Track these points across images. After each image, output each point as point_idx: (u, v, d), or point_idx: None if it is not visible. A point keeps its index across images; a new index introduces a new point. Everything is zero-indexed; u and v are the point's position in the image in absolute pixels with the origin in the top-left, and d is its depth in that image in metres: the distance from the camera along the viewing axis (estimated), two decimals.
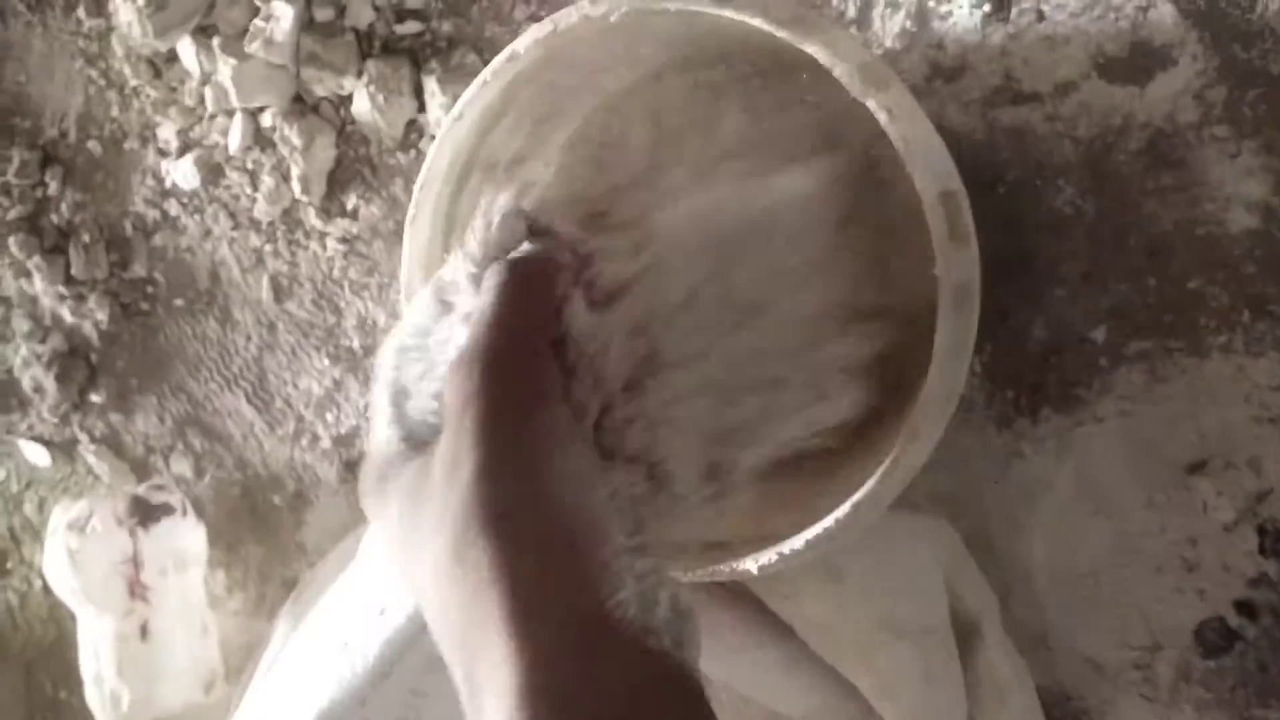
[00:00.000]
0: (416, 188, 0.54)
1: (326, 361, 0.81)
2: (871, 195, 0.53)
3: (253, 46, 0.74)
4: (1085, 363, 0.60)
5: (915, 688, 0.50)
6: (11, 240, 0.85)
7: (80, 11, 0.83)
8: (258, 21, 0.73)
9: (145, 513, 0.78)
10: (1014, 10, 0.59)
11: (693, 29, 0.48)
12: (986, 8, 0.60)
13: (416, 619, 0.52)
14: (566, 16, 0.47)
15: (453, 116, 0.52)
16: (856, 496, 0.44)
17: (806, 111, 0.54)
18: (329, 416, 0.82)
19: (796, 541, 0.44)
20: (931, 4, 0.61)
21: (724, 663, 0.51)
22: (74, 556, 0.76)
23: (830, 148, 0.52)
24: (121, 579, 0.76)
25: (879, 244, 0.53)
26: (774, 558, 0.45)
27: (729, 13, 0.44)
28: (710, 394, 0.43)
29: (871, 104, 0.43)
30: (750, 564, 0.45)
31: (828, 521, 0.44)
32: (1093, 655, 0.62)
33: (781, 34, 0.43)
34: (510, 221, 0.42)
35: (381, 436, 0.43)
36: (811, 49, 0.43)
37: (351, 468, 0.81)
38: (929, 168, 0.43)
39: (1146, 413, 0.59)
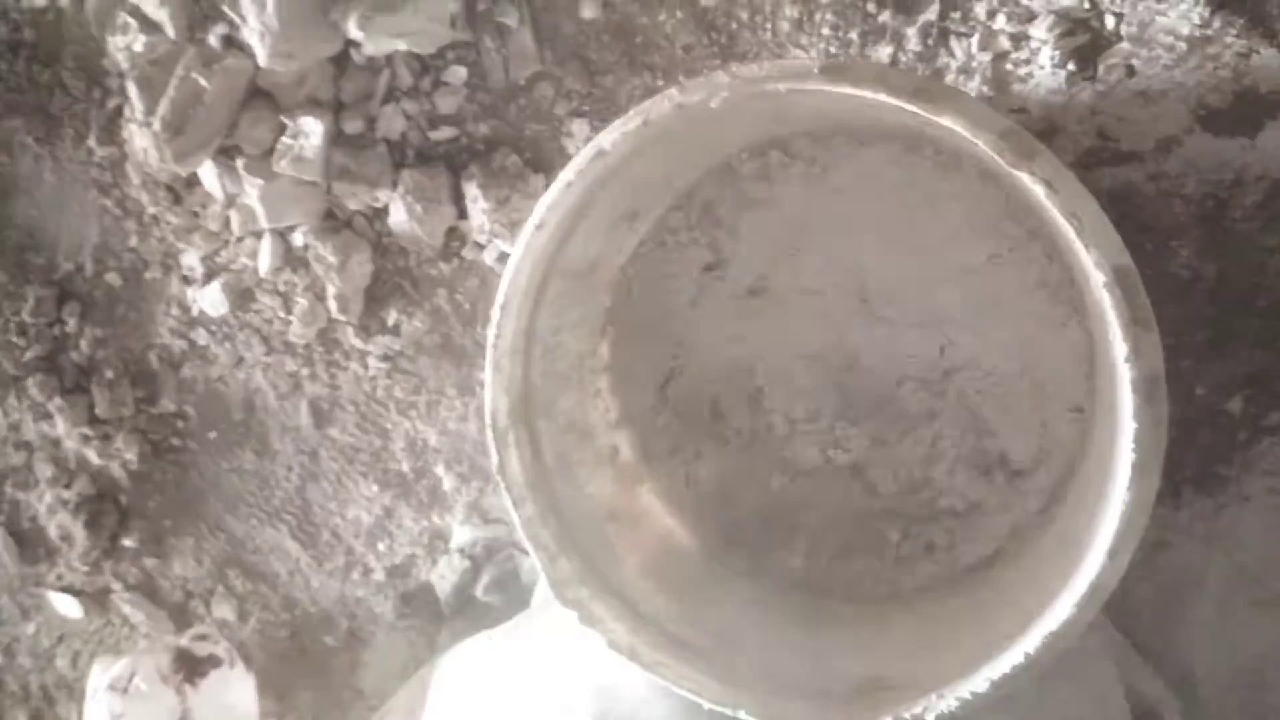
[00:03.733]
0: (497, 307, 0.49)
1: (375, 488, 0.76)
2: None
3: (281, 165, 0.70)
4: (1223, 438, 0.55)
5: None
6: (30, 382, 0.81)
7: (91, 141, 0.80)
8: (285, 139, 0.70)
9: (191, 667, 0.73)
10: (1100, 67, 0.56)
11: (790, 108, 0.43)
12: (1071, 66, 0.56)
13: None
14: (658, 106, 0.43)
15: (533, 224, 0.48)
16: (1049, 626, 0.38)
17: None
18: (381, 546, 0.76)
19: (979, 683, 0.39)
20: (1009, 67, 0.58)
21: None
22: None
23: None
24: None
25: None
26: (954, 703, 0.39)
27: (848, 89, 0.39)
28: None
29: (1026, 178, 0.39)
30: (929, 714, 0.39)
31: (1015, 656, 0.39)
32: None
33: (911, 107, 0.39)
34: None
35: None
36: (948, 121, 0.39)
37: (408, 600, 0.76)
38: (1099, 244, 0.39)
39: None
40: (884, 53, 0.60)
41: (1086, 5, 0.56)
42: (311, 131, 0.69)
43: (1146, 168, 0.55)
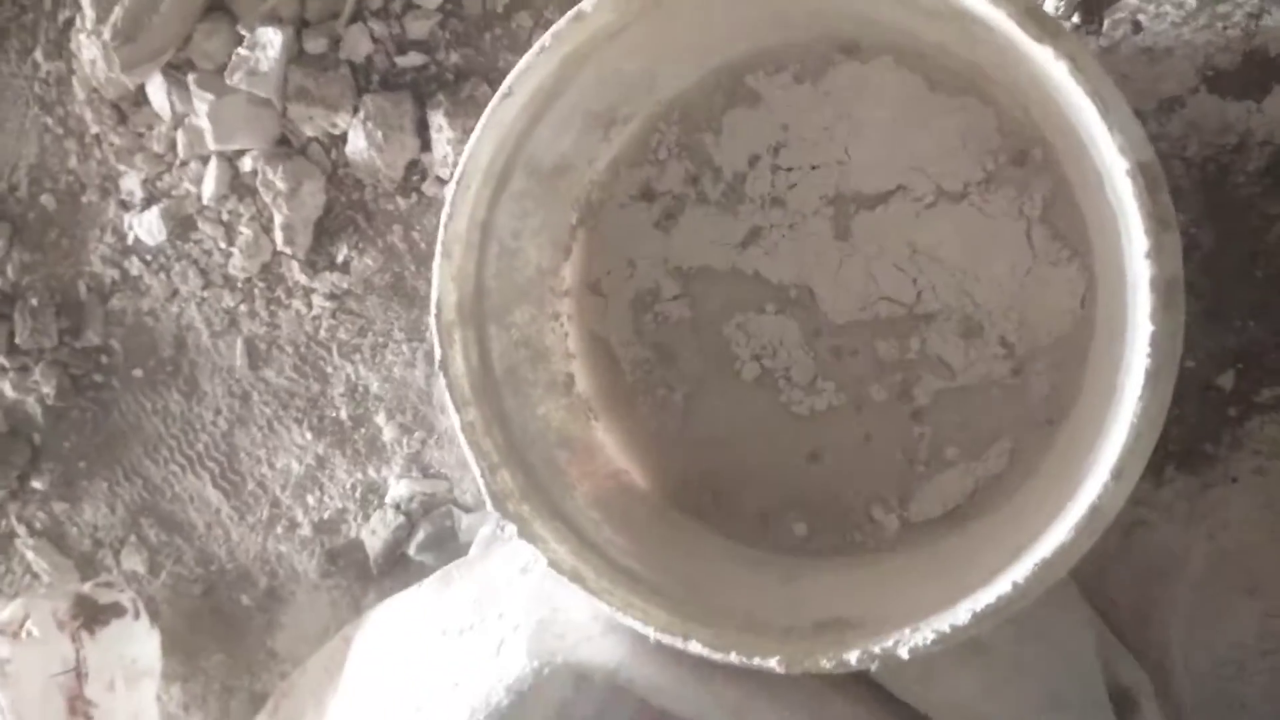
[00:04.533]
0: (452, 184, 0.45)
1: (309, 435, 0.71)
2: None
3: (234, 79, 0.66)
4: (1212, 414, 0.52)
5: None
6: None
7: (38, 54, 0.75)
8: (241, 50, 0.66)
9: (91, 614, 0.67)
10: (1106, 22, 0.53)
11: (783, 9, 0.40)
12: (1075, 19, 0.54)
13: (540, 660, 0.42)
14: None
15: (501, 94, 0.44)
16: (1044, 553, 0.35)
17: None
18: (310, 499, 0.71)
19: (960, 614, 0.35)
20: None
21: None
22: (4, 667, 0.64)
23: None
24: (61, 693, 0.65)
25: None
26: (931, 636, 0.35)
27: None
28: None
29: (1050, 53, 0.36)
30: (902, 648, 0.36)
31: (1002, 586, 0.35)
32: None
33: None
34: None
35: None
36: None
37: (334, 558, 0.71)
38: (1124, 129, 0.36)
39: None
40: None
41: None
42: (269, 43, 0.65)
43: (1148, 128, 0.53)
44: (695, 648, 0.39)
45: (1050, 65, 0.37)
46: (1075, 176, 0.49)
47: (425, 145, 0.66)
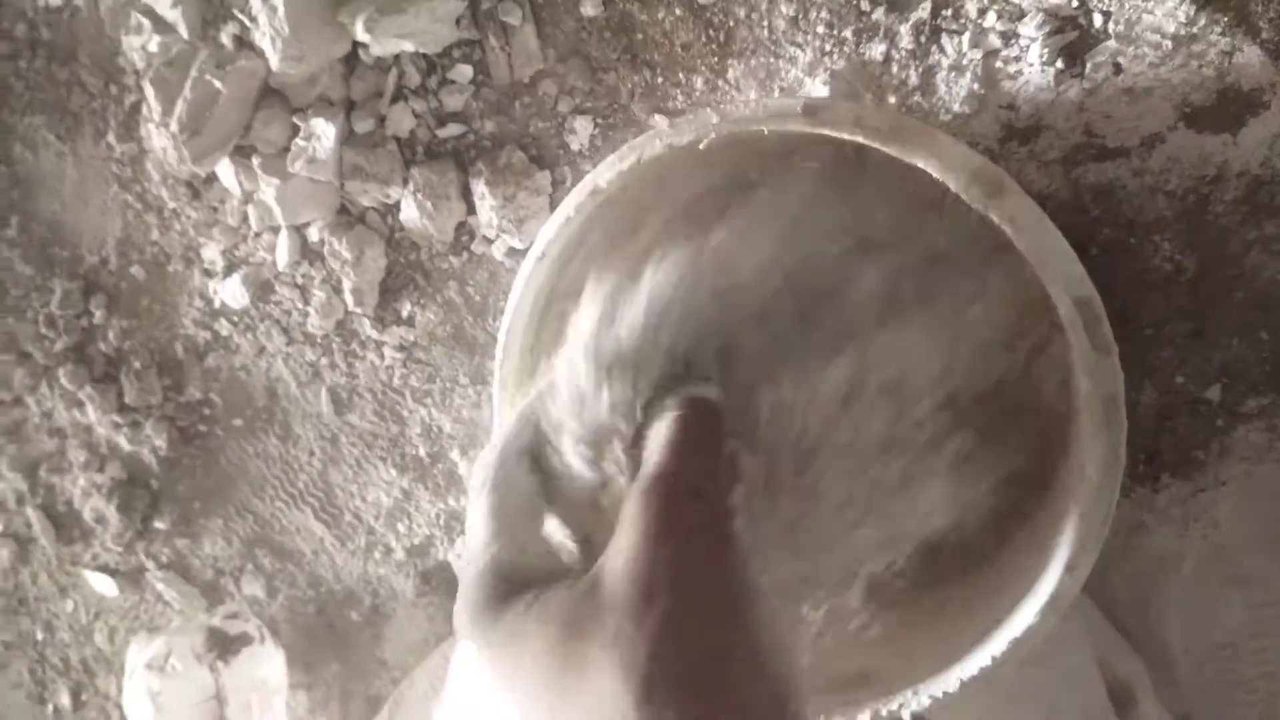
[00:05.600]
0: (502, 332, 0.52)
1: (394, 472, 0.79)
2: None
3: (295, 166, 0.72)
4: (1201, 425, 0.57)
5: None
6: (61, 372, 0.84)
7: (110, 137, 0.82)
8: (299, 141, 0.72)
9: (224, 645, 0.77)
10: (1088, 65, 0.57)
11: (781, 138, 0.45)
12: (1059, 64, 0.57)
13: None
14: (650, 145, 0.45)
15: (534, 257, 0.50)
16: (1013, 633, 0.41)
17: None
18: (400, 527, 0.80)
19: (949, 682, 0.42)
20: (999, 65, 0.59)
21: None
22: (156, 699, 0.74)
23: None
24: (207, 718, 0.74)
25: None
26: (926, 701, 0.42)
27: (827, 131, 0.42)
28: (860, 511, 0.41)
29: (994, 216, 0.41)
30: (905, 713, 0.42)
31: (982, 660, 0.41)
32: None
33: (887, 149, 0.41)
34: None
35: (483, 562, 0.41)
36: (921, 163, 0.41)
37: (428, 578, 0.79)
38: (1061, 275, 0.41)
39: (1271, 472, 0.56)
40: (878, 50, 0.62)
41: (1075, 3, 0.57)
42: (324, 134, 0.71)
43: (1131, 164, 0.57)
44: None
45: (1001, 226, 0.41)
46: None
47: (470, 209, 0.72)
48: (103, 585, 0.87)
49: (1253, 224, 0.56)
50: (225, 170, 0.76)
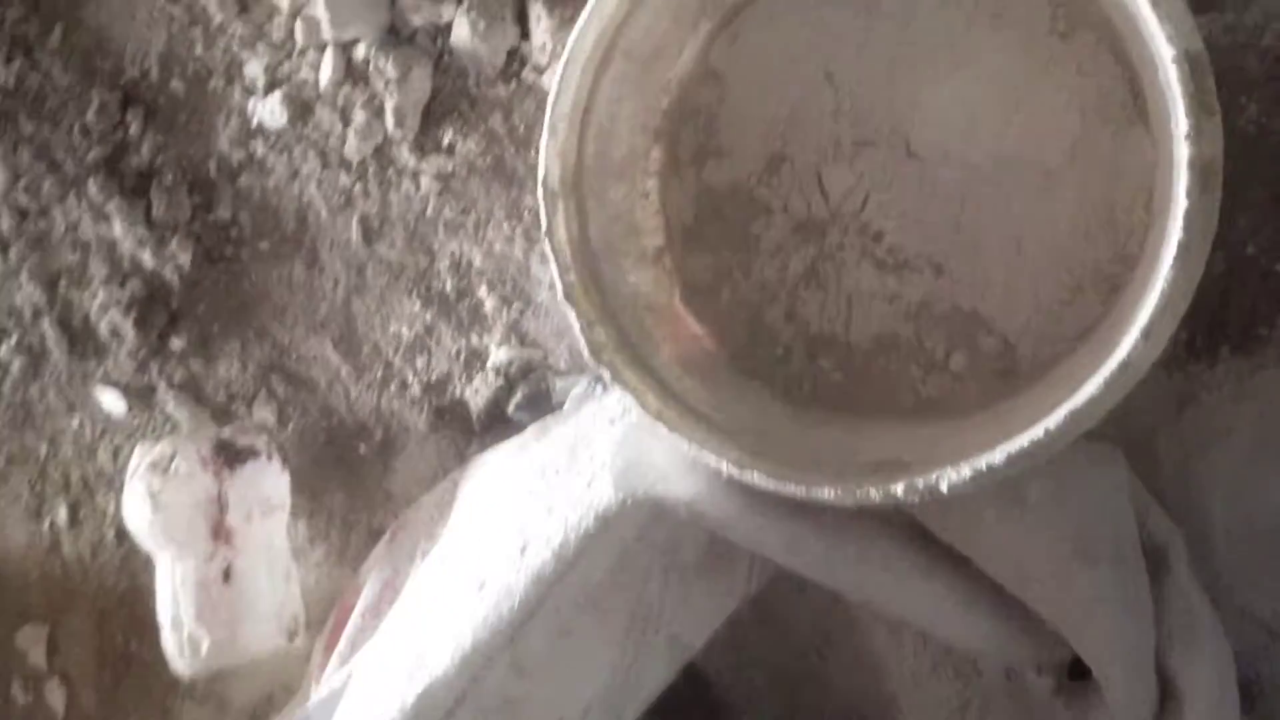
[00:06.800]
0: (559, 68, 0.51)
1: (418, 305, 0.78)
2: None
3: None
4: (1269, 299, 0.55)
5: (1111, 617, 0.47)
6: (90, 182, 0.83)
7: None
8: None
9: (230, 455, 0.76)
10: None
11: None
12: None
13: (562, 555, 0.49)
14: None
15: None
16: (1074, 403, 0.40)
17: None
18: (419, 362, 0.79)
19: (996, 455, 0.41)
20: None
21: (893, 595, 0.48)
22: (156, 498, 0.74)
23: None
24: (205, 520, 0.74)
25: None
26: (968, 473, 0.41)
27: None
28: None
29: None
30: (942, 482, 0.42)
31: (1036, 432, 0.41)
32: (1269, 621, 0.57)
33: None
34: None
35: None
36: None
37: (442, 414, 0.79)
38: (1172, 21, 0.39)
39: None
40: None
41: None
42: None
43: (1224, 19, 0.55)
44: (759, 479, 0.46)
45: None
46: (1136, 62, 0.52)
47: (525, 33, 0.71)
48: (112, 403, 0.87)
49: None
50: None
